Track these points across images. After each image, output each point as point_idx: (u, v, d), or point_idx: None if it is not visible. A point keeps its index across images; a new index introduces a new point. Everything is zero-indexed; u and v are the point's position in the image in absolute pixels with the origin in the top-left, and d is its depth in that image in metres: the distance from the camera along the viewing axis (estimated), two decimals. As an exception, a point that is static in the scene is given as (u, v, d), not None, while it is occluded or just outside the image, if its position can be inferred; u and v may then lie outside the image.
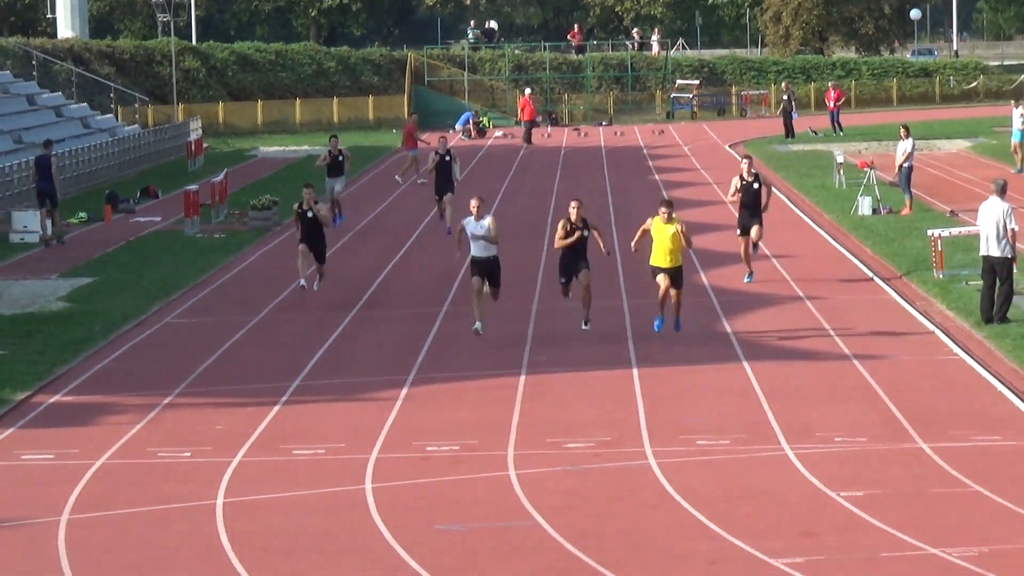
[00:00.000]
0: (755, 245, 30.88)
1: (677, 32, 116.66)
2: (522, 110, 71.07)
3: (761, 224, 30.48)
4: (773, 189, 33.16)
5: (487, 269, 25.12)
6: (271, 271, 36.01)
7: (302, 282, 29.32)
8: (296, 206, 30.81)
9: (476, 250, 25.13)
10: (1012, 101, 59.55)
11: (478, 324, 24.86)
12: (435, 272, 35.97)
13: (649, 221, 26.16)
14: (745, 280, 30.28)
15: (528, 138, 68.82)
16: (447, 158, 37.65)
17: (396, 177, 52.49)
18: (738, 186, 30.35)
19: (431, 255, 36.74)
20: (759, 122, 78.46)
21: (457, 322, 29.38)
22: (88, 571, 16.07)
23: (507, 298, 29.40)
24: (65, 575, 15.99)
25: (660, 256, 25.91)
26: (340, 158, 40.06)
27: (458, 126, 74.85)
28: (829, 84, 75.65)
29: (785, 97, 69.24)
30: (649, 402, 23.48)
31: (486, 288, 25.52)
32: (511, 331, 28.14)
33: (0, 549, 17.17)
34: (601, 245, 25.79)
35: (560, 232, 25.16)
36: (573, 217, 25.04)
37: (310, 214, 30.28)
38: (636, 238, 26.74)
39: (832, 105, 69.60)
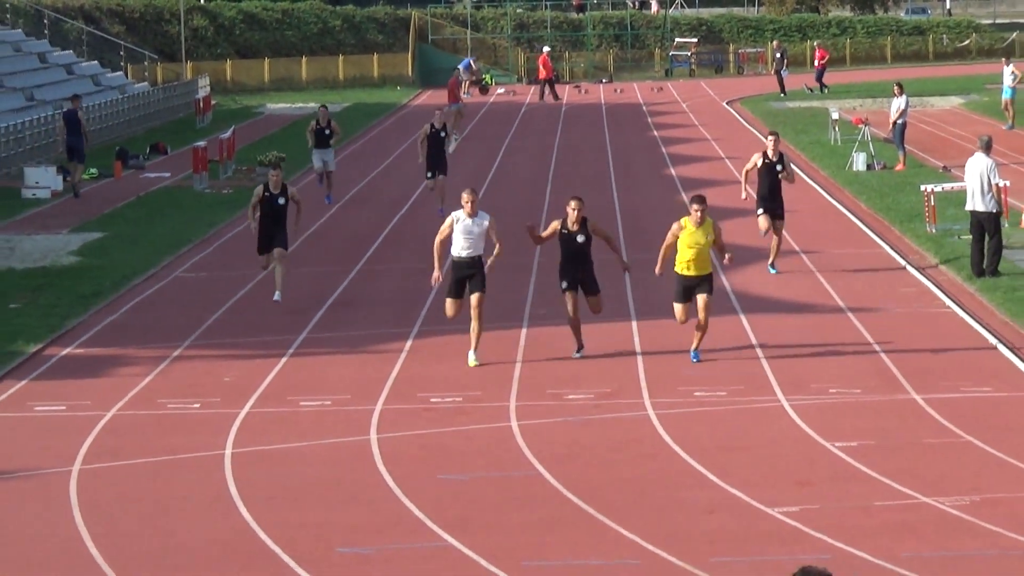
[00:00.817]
0: (779, 239, 26.58)
1: None
2: (542, 68, 71.17)
3: (783, 214, 26.22)
4: (795, 169, 27.49)
5: (469, 273, 20.53)
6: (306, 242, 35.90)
7: (277, 296, 24.43)
8: (260, 189, 25.27)
9: (460, 248, 20.53)
10: (1003, 59, 59.97)
11: (472, 356, 20.20)
12: (438, 227, 36.20)
13: (676, 227, 21.55)
14: (770, 271, 26.35)
15: (555, 95, 68.87)
16: (442, 134, 34.24)
17: (450, 135, 53.70)
18: (759, 164, 26.00)
19: (432, 211, 36.76)
20: (756, 80, 78.54)
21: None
22: (100, 519, 16.14)
23: (508, 252, 29.19)
24: (77, 524, 16.00)
25: (685, 264, 21.64)
26: (328, 132, 36.57)
27: (461, 68, 70.44)
28: (815, 44, 76.09)
29: (778, 55, 69.69)
30: (647, 354, 23.46)
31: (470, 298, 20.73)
32: (512, 285, 28.24)
33: (14, 498, 17.27)
34: (619, 260, 22.25)
35: (546, 232, 21.18)
36: (572, 220, 20.65)
37: (281, 200, 25.16)
38: (661, 257, 21.88)
39: (818, 64, 69.92)
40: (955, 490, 16.44)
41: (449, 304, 20.26)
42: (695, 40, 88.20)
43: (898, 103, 42.62)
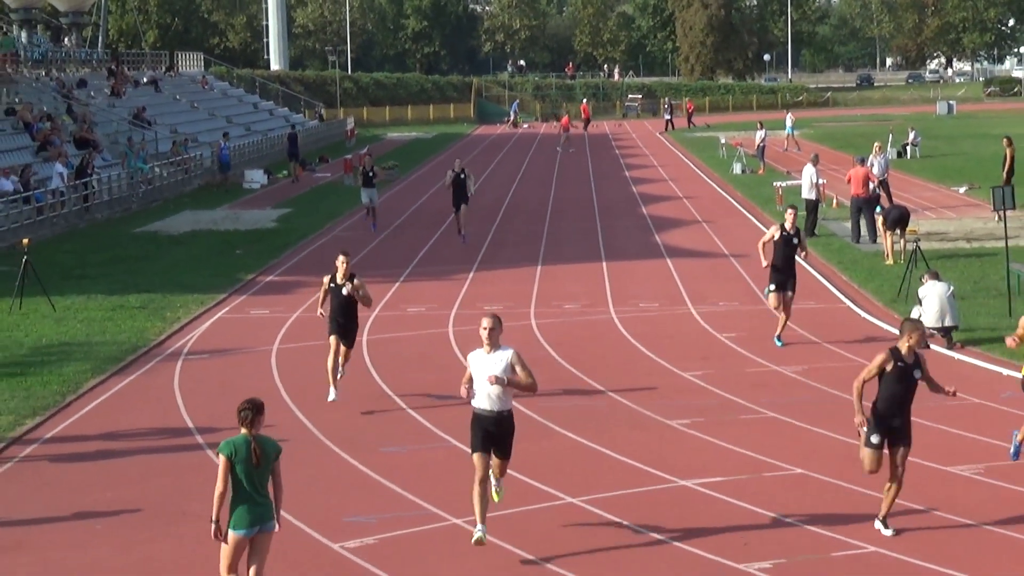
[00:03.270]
0: (787, 314, 21.61)
1: (629, 67, 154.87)
2: (584, 111, 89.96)
3: (794, 286, 21.51)
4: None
5: (496, 431, 12.35)
6: (393, 205, 43.04)
7: (332, 395, 17.83)
8: (327, 280, 18.18)
9: (482, 401, 12.35)
10: (786, 109, 78.56)
11: (480, 531, 12.23)
12: (493, 205, 42.51)
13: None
14: (776, 343, 21.38)
15: (586, 127, 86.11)
16: (462, 176, 33.79)
17: (557, 147, 68.40)
18: (776, 237, 21.36)
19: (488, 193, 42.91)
20: (674, 121, 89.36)
21: (500, 241, 34.82)
22: (290, 378, 19.40)
23: (526, 226, 36.83)
24: (275, 379, 19.43)
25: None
26: (371, 174, 37.02)
27: (511, 111, 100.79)
28: (686, 99, 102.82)
29: (667, 107, 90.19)
30: (612, 281, 28.00)
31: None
32: (530, 233, 34.18)
33: (238, 364, 20.67)
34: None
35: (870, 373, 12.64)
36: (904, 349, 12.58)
37: (345, 291, 17.93)
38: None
39: (689, 110, 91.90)
40: (793, 362, 19.63)
41: (477, 459, 12.38)
42: (640, 96, 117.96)
43: (760, 134, 54.12)
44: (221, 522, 9.92)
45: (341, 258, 17.90)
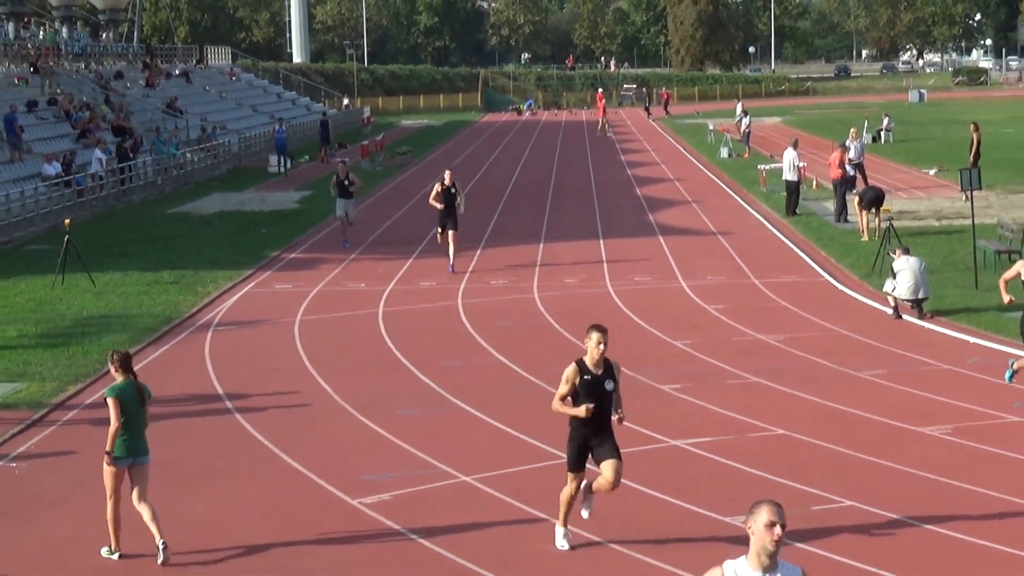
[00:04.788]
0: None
1: (624, 59, 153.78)
2: (599, 101, 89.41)
3: None
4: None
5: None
6: (407, 187, 43.28)
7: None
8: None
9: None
10: (737, 99, 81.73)
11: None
12: (499, 186, 42.57)
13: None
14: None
15: (602, 127, 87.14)
16: (452, 190, 26.33)
17: (597, 132, 68.38)
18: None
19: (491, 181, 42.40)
20: (661, 108, 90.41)
21: (507, 219, 35.10)
22: (312, 346, 19.62)
23: (529, 206, 37.11)
24: (298, 347, 19.59)
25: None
26: (347, 183, 30.01)
27: (524, 107, 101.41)
28: (663, 88, 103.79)
29: (644, 94, 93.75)
30: (608, 258, 27.90)
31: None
32: (531, 224, 33.82)
33: (263, 335, 20.87)
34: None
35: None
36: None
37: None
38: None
39: (664, 98, 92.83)
40: (776, 331, 19.81)
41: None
42: (634, 85, 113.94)
43: (745, 120, 54.57)
44: (119, 454, 10.79)
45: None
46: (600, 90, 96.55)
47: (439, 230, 26.50)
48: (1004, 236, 25.19)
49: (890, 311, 20.61)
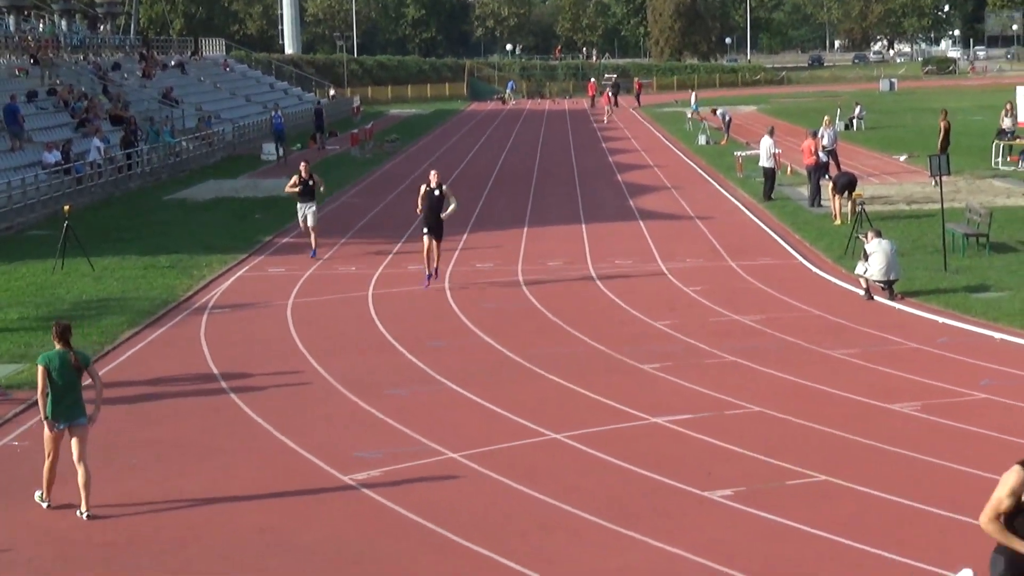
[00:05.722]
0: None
1: (605, 50, 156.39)
2: (591, 89, 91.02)
3: None
4: None
5: None
6: (395, 175, 42.99)
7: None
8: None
9: None
10: (690, 88, 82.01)
11: None
12: (484, 171, 42.43)
13: None
14: None
15: (593, 103, 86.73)
16: (437, 192, 22.54)
17: (605, 119, 69.01)
18: None
19: (477, 166, 42.31)
20: (643, 97, 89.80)
21: (492, 204, 34.95)
22: (303, 327, 19.53)
23: (513, 192, 36.49)
24: (291, 329, 19.48)
25: None
26: (311, 183, 26.40)
27: (508, 90, 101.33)
28: (636, 79, 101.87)
29: (614, 84, 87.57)
30: (590, 242, 27.88)
31: None
32: (516, 209, 33.77)
33: (258, 316, 20.76)
34: None
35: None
36: None
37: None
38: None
39: (637, 88, 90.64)
40: (753, 311, 19.64)
41: None
42: (615, 75, 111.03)
43: (722, 109, 54.32)
44: (50, 417, 11.20)
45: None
46: (592, 80, 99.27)
47: (424, 231, 22.48)
48: (972, 220, 25.31)
49: (862, 292, 20.60)
